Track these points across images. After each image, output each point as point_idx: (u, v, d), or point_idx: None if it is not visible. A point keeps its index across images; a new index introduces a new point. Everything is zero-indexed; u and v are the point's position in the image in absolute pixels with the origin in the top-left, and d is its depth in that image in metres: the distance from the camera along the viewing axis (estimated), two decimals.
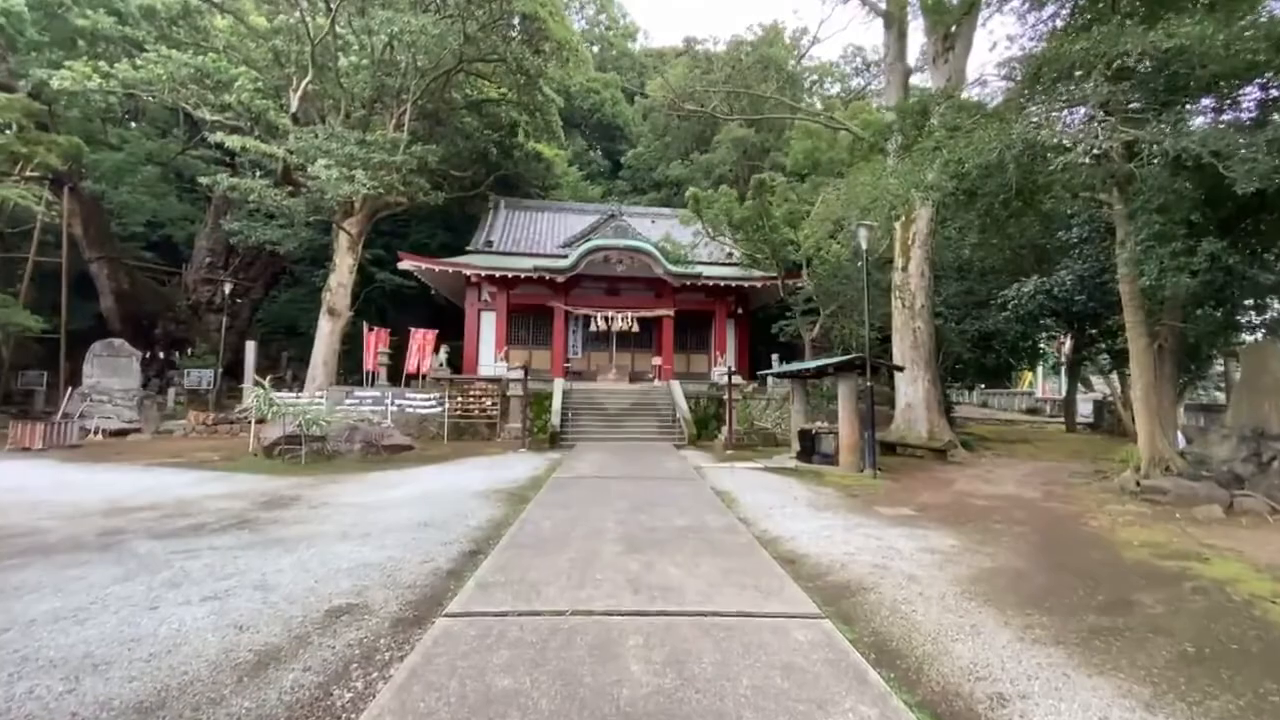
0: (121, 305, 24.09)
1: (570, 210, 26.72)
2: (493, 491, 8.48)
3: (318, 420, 10.89)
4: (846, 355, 12.25)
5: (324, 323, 20.39)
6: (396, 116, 19.14)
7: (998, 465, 12.67)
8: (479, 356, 21.35)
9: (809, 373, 12.42)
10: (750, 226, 18.20)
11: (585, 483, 9.11)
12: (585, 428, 16.27)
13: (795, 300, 19.12)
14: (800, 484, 9.65)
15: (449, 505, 7.49)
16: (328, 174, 15.00)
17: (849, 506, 7.92)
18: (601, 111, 37.25)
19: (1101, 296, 12.64)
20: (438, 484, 9.14)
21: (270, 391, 10.93)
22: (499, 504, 7.65)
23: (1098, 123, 7.13)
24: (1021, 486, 10.02)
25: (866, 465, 10.92)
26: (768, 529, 6.50)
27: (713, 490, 8.77)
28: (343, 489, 8.73)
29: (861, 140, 17.56)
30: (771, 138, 28.58)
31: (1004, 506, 8.20)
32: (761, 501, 8.01)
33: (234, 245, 25.70)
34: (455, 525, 6.44)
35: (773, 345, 23.71)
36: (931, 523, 7.03)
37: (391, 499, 7.91)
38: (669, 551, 5.33)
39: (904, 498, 8.74)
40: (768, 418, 18.16)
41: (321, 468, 10.82)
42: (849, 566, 5.16)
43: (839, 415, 11.19)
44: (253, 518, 6.80)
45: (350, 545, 5.60)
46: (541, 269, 19.03)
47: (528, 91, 23.72)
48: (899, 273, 15.41)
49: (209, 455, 12.42)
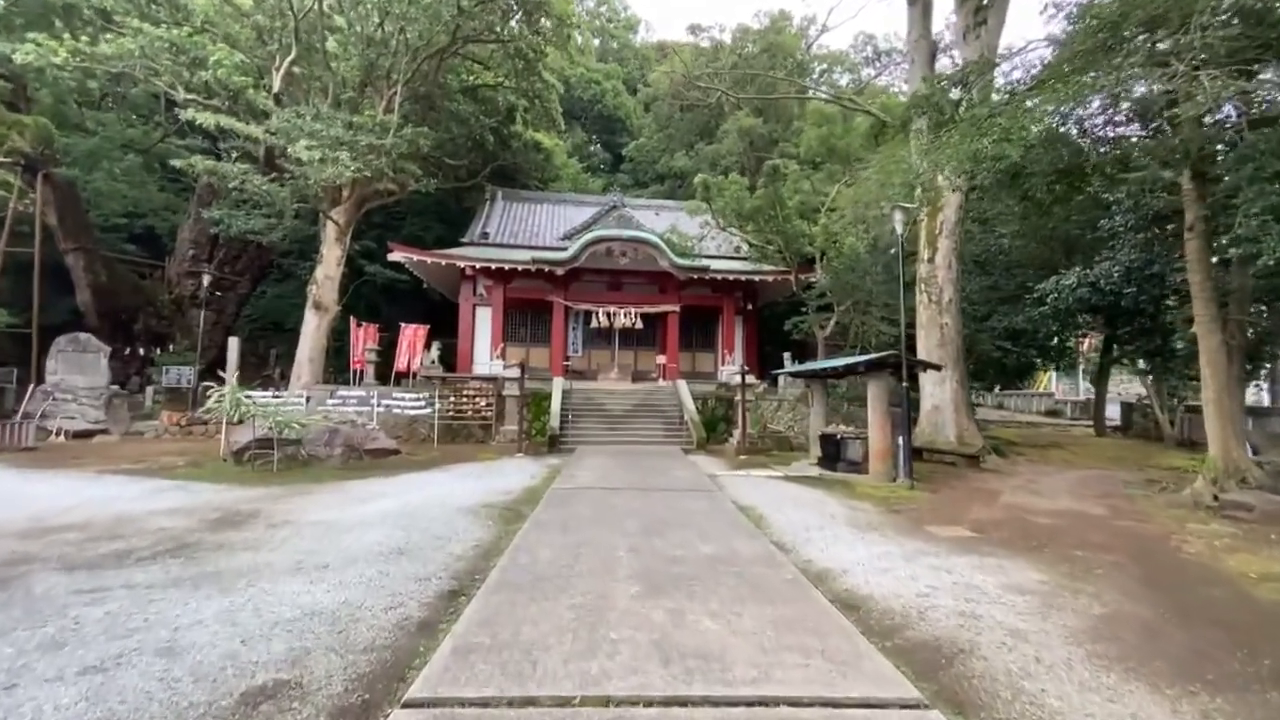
0: (99, 299, 22.92)
1: (570, 202, 25.59)
2: (483, 506, 7.38)
3: (290, 423, 9.78)
4: (876, 353, 11.17)
5: (310, 317, 19.27)
6: (386, 99, 18.01)
7: (1038, 473, 11.61)
8: (474, 354, 20.24)
9: (833, 372, 11.34)
10: (762, 217, 17.12)
11: (588, 495, 8.01)
12: (586, 430, 15.18)
13: (809, 296, 18.04)
14: (831, 497, 8.56)
15: (430, 525, 6.39)
16: (309, 155, 13.86)
17: (896, 526, 6.83)
18: (603, 103, 36.12)
19: (1151, 289, 11.58)
20: (421, 496, 8.04)
21: (238, 390, 9.83)
22: (489, 523, 6.55)
23: (1205, 75, 6.03)
24: (1077, 499, 8.95)
25: (900, 474, 9.86)
26: (812, 558, 5.41)
27: (734, 505, 7.68)
28: (312, 502, 7.63)
29: (883, 124, 16.49)
30: (780, 128, 27.48)
31: (1072, 526, 7.13)
32: (795, 521, 6.92)
33: (219, 237, 24.57)
34: (435, 553, 5.35)
35: (780, 343, 22.64)
36: (999, 548, 5.95)
37: (365, 516, 6.81)
38: (700, 594, 4.25)
39: (953, 514, 7.66)
40: (780, 420, 17.09)
41: (294, 475, 9.71)
42: (929, 615, 4.08)
43: (869, 419, 10.11)
44: (194, 541, 5.69)
45: (301, 583, 4.50)
46: (540, 261, 17.92)
47: (526, 77, 22.62)
48: (925, 265, 14.35)
49: (174, 460, 11.29)
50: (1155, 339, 13.84)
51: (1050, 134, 8.26)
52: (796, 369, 12.76)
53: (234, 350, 21.36)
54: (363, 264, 22.91)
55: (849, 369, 10.11)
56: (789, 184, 17.27)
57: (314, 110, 16.06)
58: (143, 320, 25.04)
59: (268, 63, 17.77)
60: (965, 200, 14.13)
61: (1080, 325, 15.60)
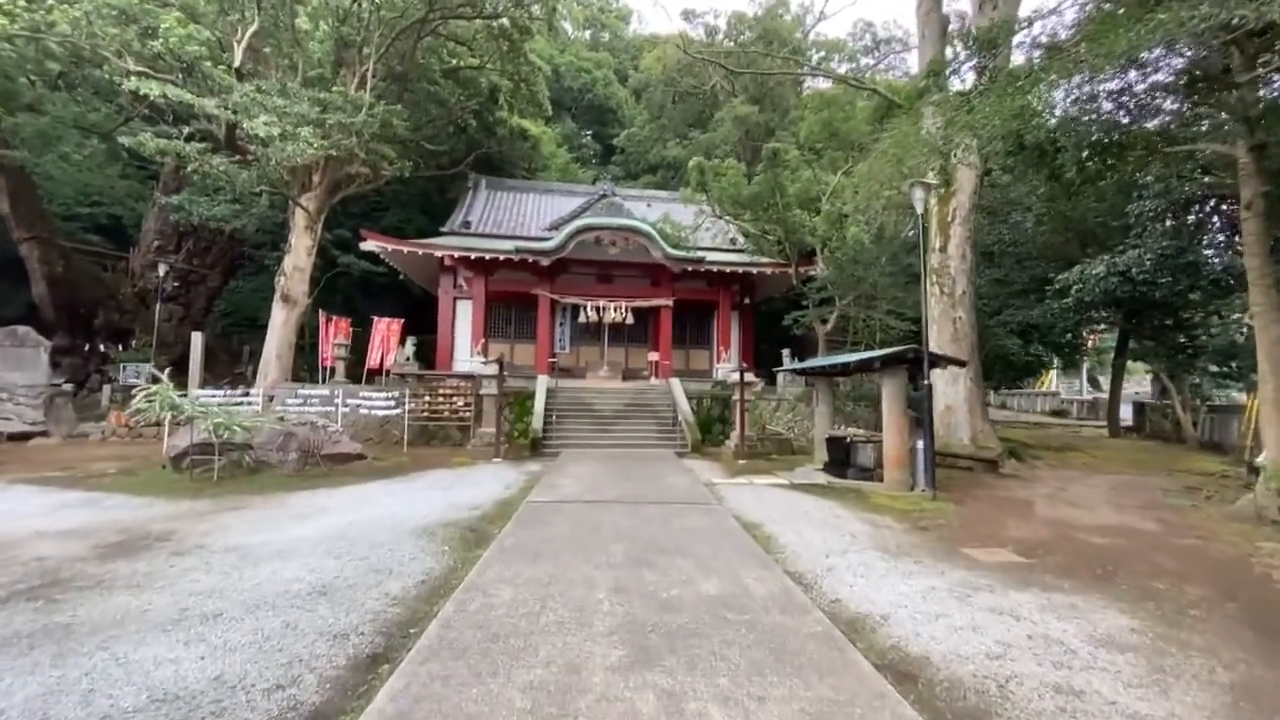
0: (55, 291, 21.50)
1: (558, 191, 24.41)
2: (442, 526, 6.25)
3: (231, 425, 8.60)
4: (885, 349, 10.14)
5: (278, 311, 18.00)
6: (359, 75, 16.78)
7: (1063, 479, 10.64)
8: (454, 351, 19.05)
9: (842, 369, 10.30)
10: (760, 204, 16.06)
11: (569, 511, 6.90)
12: (572, 432, 14.06)
13: (809, 290, 17.00)
14: (846, 510, 7.51)
15: (372, 551, 5.26)
16: (267, 131, 12.64)
17: (929, 549, 5.79)
18: (593, 92, 34.92)
19: (1185, 279, 10.63)
20: (373, 512, 6.90)
21: (169, 388, 8.62)
22: (445, 549, 5.44)
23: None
24: (1119, 511, 7.97)
25: (918, 483, 8.84)
26: (841, 597, 4.34)
27: (737, 522, 6.61)
28: (240, 520, 6.47)
29: (889, 106, 15.48)
30: (776, 117, 26.45)
31: (1131, 547, 6.12)
32: (811, 543, 5.85)
33: (185, 227, 23.23)
34: (366, 594, 4.23)
35: (776, 340, 21.62)
36: (1062, 578, 4.92)
37: (298, 539, 5.67)
38: (704, 661, 3.16)
39: (989, 531, 6.64)
40: (779, 421, 16.07)
41: (235, 485, 8.54)
42: (1014, 692, 3.02)
43: (884, 420, 9.08)
44: (69, 576, 4.54)
45: (172, 643, 3.37)
46: (524, 250, 16.75)
47: (511, 59, 21.44)
48: (936, 254, 13.34)
49: (106, 467, 10.07)
50: (1177, 333, 12.92)
51: (1088, 100, 7.22)
52: (802, 366, 11.72)
53: (198, 346, 20.04)
54: (335, 254, 21.61)
55: (863, 365, 9.07)
56: (789, 171, 16.21)
57: (279, 86, 14.83)
58: (103, 315, 23.65)
59: (230, 35, 16.48)
60: (979, 185, 13.16)
61: (1099, 320, 14.66)
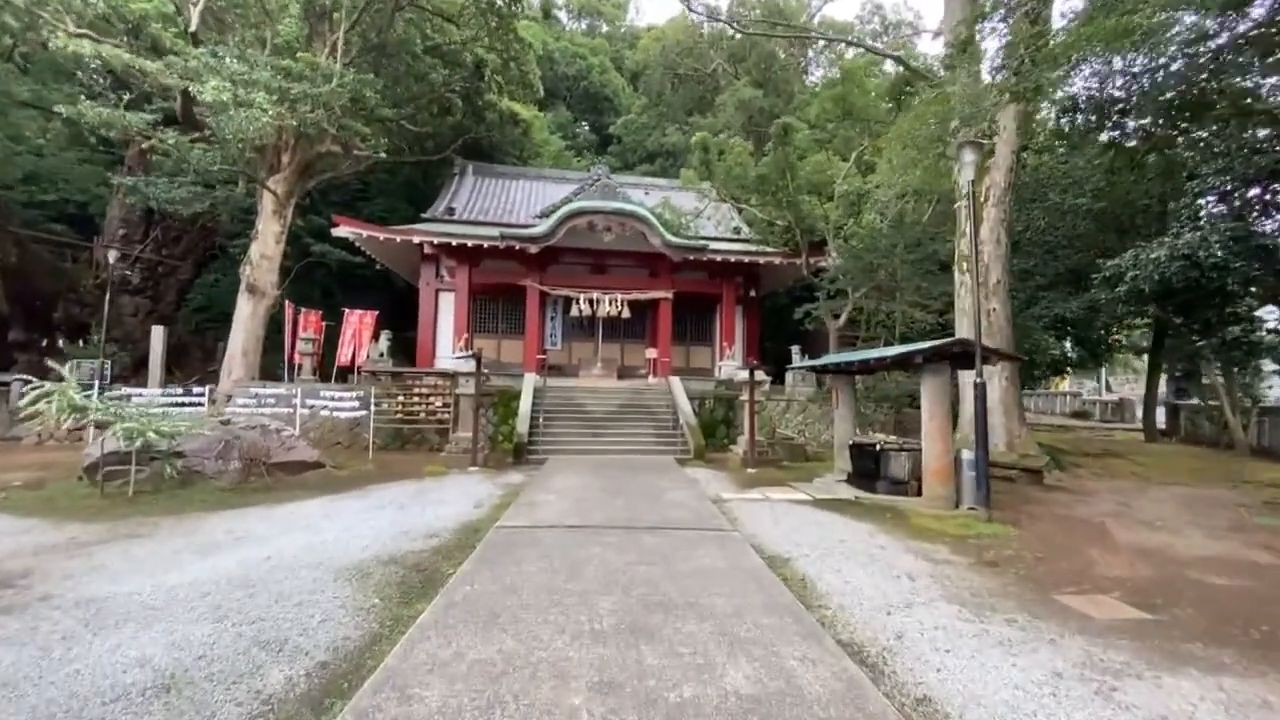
0: (8, 283, 20.03)
1: (550, 178, 22.99)
2: (381, 564, 4.86)
3: (144, 431, 7.18)
4: (917, 343, 8.79)
5: (243, 303, 16.61)
6: (329, 44, 15.34)
7: (1120, 493, 9.31)
8: (436, 347, 17.64)
9: (874, 365, 8.93)
10: (769, 187, 14.69)
11: (546, 541, 5.51)
12: (561, 436, 12.68)
13: (820, 281, 15.66)
14: (888, 536, 6.14)
15: (273, 607, 3.87)
16: (215, 96, 11.20)
17: (1016, 596, 4.42)
18: (588, 79, 33.47)
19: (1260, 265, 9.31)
20: (302, 541, 5.49)
21: (71, 388, 7.20)
22: (374, 602, 4.04)
23: None
24: (1210, 535, 6.64)
25: (965, 500, 7.50)
26: (931, 694, 2.96)
27: (759, 556, 5.23)
28: (127, 555, 5.06)
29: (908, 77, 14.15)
30: (781, 103, 25.09)
31: (1266, 590, 4.77)
32: (860, 589, 4.48)
33: (154, 215, 21.79)
34: (229, 694, 2.83)
35: (780, 336, 20.29)
36: (1213, 645, 3.56)
37: (182, 586, 4.27)
38: None
39: (1074, 566, 5.29)
40: (789, 424, 14.75)
41: (152, 502, 7.12)
42: None
43: (924, 425, 7.72)
44: None
45: None
46: (510, 237, 15.32)
47: (500, 36, 20.02)
48: (966, 239, 12.00)
49: (14, 478, 8.63)
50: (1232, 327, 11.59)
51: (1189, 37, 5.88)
52: (824, 362, 10.33)
53: (158, 341, 18.56)
54: (309, 243, 20.14)
55: (901, 360, 7.70)
56: (799, 151, 14.85)
57: (237, 52, 13.39)
58: (63, 308, 22.18)
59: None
60: (1015, 163, 11.83)
61: (1146, 313, 13.29)
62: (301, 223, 19.38)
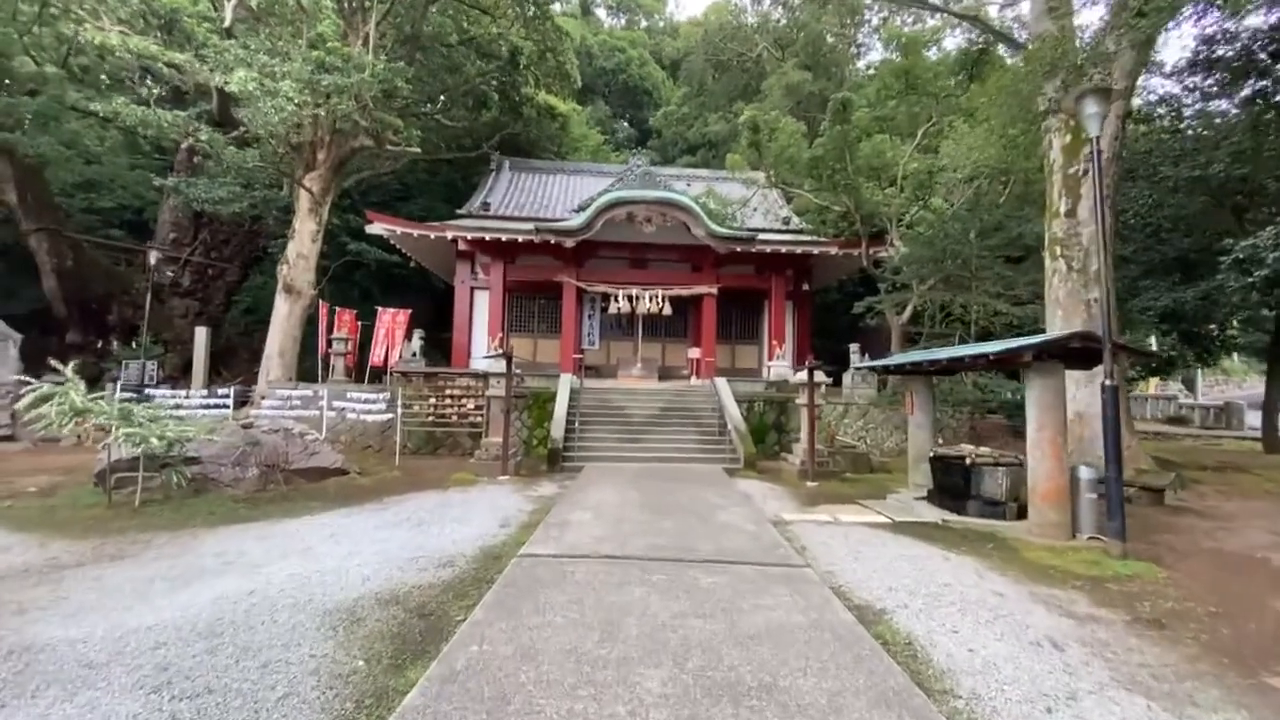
0: (65, 285, 20.67)
1: (587, 172, 22.18)
2: (379, 605, 4.00)
3: (149, 436, 6.64)
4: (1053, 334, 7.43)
5: (280, 303, 16.44)
6: (362, 35, 14.93)
7: (1265, 516, 7.69)
8: (471, 347, 17.05)
9: (969, 362, 7.63)
10: (825, 170, 13.40)
11: (577, 577, 4.54)
12: (598, 442, 11.76)
13: (881, 273, 14.25)
14: (1002, 577, 4.92)
15: (232, 669, 3.04)
16: (241, 86, 10.80)
17: (1218, 681, 3.19)
18: (627, 73, 32.63)
19: None
20: (295, 570, 4.71)
21: (75, 389, 6.72)
22: (358, 665, 3.16)
23: None
24: None
25: (1085, 528, 6.18)
26: None
27: (845, 606, 4.12)
28: (99, 583, 4.38)
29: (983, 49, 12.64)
30: (832, 86, 23.56)
31: None
32: (995, 666, 3.32)
33: (202, 218, 22.17)
34: None
35: (834, 334, 18.87)
36: None
37: (137, 631, 3.50)
38: None
39: (1265, 628, 3.97)
40: (848, 430, 13.41)
41: (155, 514, 6.55)
42: None
43: (1030, 435, 6.41)
44: None
45: None
46: (546, 231, 14.54)
47: (536, 26, 19.38)
48: (1060, 220, 10.44)
49: (33, 483, 8.31)
50: None
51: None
52: (896, 360, 9.05)
53: (202, 343, 18.67)
54: (344, 241, 19.92)
55: (1005, 356, 6.39)
56: (858, 130, 13.50)
57: (267, 44, 13.06)
58: (117, 310, 22.77)
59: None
60: (1121, 129, 10.23)
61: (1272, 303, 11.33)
62: (338, 221, 19.19)
